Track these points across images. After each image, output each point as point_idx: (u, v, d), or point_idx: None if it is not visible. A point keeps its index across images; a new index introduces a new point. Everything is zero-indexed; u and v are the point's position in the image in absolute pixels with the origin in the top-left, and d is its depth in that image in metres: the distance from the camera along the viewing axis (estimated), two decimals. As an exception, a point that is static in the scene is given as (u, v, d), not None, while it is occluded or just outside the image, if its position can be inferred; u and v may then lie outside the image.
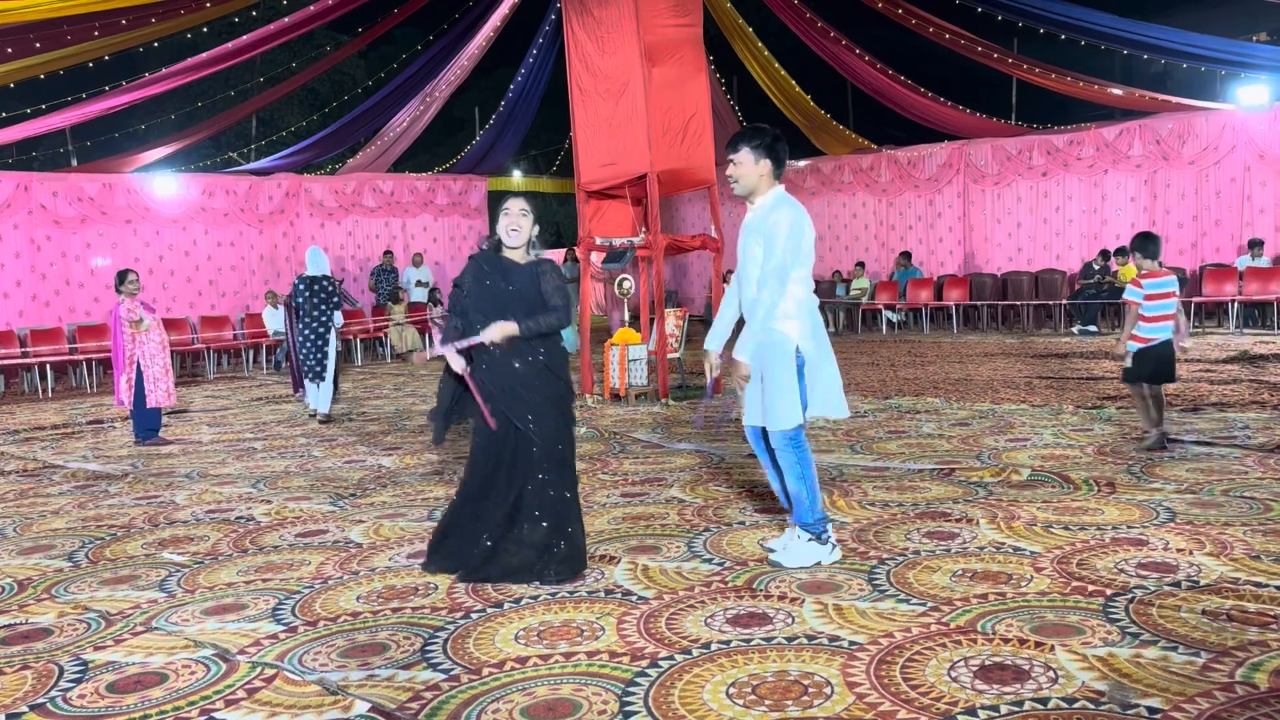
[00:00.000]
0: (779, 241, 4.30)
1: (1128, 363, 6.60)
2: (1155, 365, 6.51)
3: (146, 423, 8.92)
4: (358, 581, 4.55)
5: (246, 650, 3.77)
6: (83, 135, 18.74)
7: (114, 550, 5.31)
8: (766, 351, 4.40)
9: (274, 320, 16.14)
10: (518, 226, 4.47)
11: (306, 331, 9.72)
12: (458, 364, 4.41)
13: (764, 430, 4.50)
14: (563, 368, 4.56)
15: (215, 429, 9.70)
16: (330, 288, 9.80)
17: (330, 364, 9.74)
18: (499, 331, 4.33)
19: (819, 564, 4.42)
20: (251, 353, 16.40)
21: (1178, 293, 6.62)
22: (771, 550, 4.61)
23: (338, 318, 9.87)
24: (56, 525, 5.96)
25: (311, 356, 9.69)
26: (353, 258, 18.72)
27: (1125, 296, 6.86)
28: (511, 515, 4.43)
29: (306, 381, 9.85)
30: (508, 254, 4.54)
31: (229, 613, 4.21)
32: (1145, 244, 6.69)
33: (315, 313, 9.71)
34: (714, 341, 4.66)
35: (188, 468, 7.67)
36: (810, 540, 4.46)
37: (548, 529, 4.39)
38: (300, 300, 9.75)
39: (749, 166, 4.43)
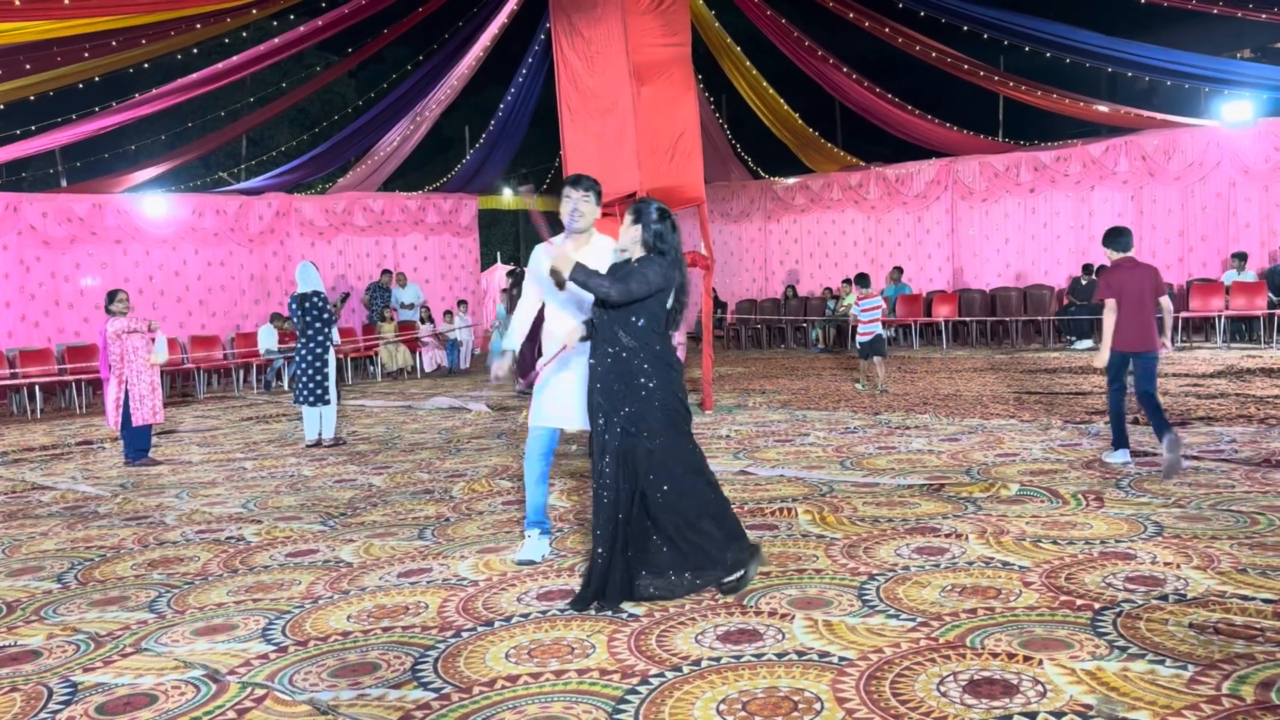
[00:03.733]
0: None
1: (858, 345, 11.57)
2: (872, 347, 11.34)
3: (136, 443, 8.89)
4: (348, 601, 4.55)
5: (237, 670, 3.76)
6: (72, 156, 18.76)
7: (103, 571, 5.30)
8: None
9: (265, 339, 16.12)
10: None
11: (303, 353, 9.35)
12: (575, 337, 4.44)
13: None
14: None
15: (205, 449, 9.68)
16: (321, 304, 9.37)
17: (331, 386, 9.38)
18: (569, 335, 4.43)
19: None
20: (242, 372, 16.38)
21: (884, 307, 12.42)
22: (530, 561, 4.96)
23: (334, 334, 9.48)
24: (45, 547, 5.94)
25: (311, 380, 9.31)
26: (342, 276, 18.73)
27: (851, 311, 12.14)
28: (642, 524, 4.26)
29: (304, 408, 9.45)
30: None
31: (219, 633, 4.20)
32: (862, 279, 11.83)
33: (310, 332, 9.31)
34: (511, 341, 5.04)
35: (178, 488, 7.65)
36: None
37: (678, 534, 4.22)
38: (295, 320, 9.43)
39: (593, 207, 4.72)
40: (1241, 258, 14.99)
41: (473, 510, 6.29)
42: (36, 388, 13.95)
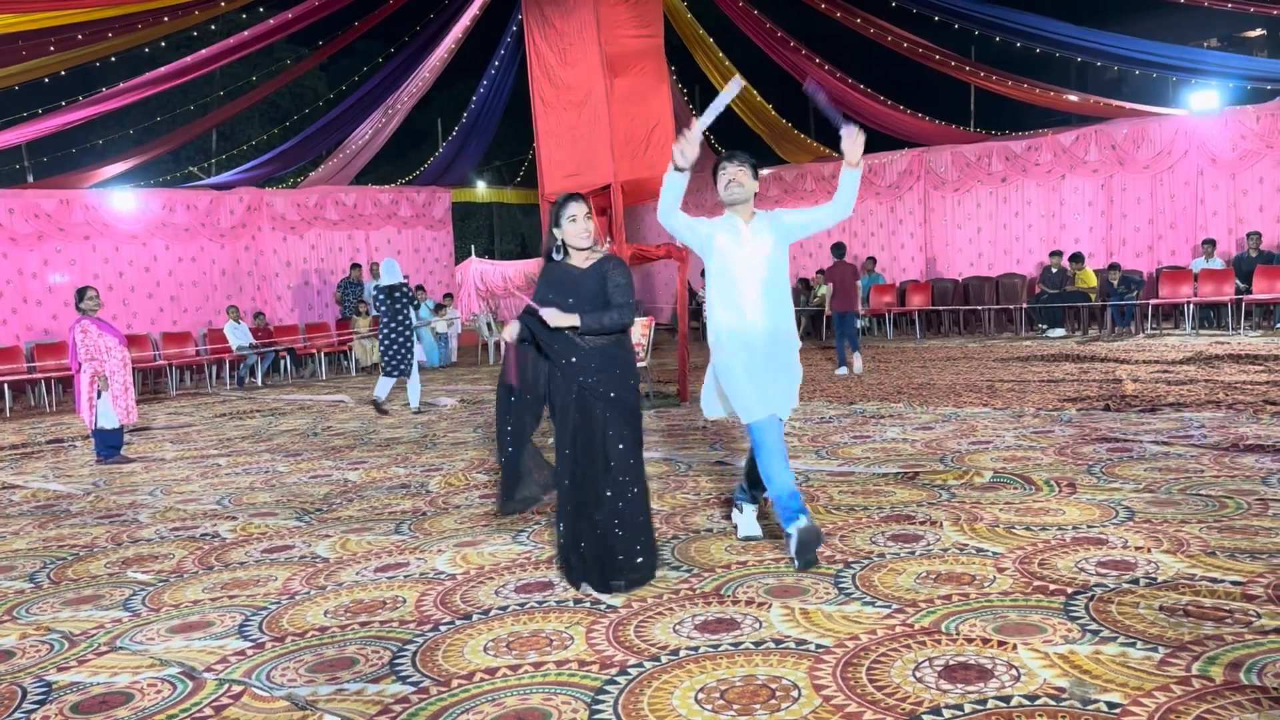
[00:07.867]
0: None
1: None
2: None
3: (108, 441, 8.81)
4: (325, 596, 4.53)
5: (213, 668, 3.75)
6: (39, 151, 18.54)
7: (77, 570, 5.25)
8: (789, 340, 4.88)
9: (236, 336, 16.00)
10: (587, 230, 4.39)
11: (393, 335, 10.77)
12: (512, 332, 4.39)
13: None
14: (630, 365, 4.49)
15: (179, 446, 9.61)
16: (406, 291, 10.90)
17: (412, 360, 10.88)
18: (556, 318, 4.22)
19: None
20: (214, 368, 16.24)
21: None
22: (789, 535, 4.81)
23: (414, 316, 11.02)
24: (17, 546, 5.88)
25: (400, 358, 10.79)
26: (316, 271, 18.60)
27: None
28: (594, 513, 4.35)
29: (384, 378, 10.90)
30: (572, 260, 4.44)
31: (195, 630, 4.17)
32: None
33: (399, 317, 10.77)
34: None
35: (151, 485, 7.59)
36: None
37: (620, 530, 4.30)
38: (382, 309, 10.80)
39: (750, 179, 4.70)
40: (1210, 245, 15.17)
41: (449, 504, 6.28)
42: (5, 386, 13.79)
